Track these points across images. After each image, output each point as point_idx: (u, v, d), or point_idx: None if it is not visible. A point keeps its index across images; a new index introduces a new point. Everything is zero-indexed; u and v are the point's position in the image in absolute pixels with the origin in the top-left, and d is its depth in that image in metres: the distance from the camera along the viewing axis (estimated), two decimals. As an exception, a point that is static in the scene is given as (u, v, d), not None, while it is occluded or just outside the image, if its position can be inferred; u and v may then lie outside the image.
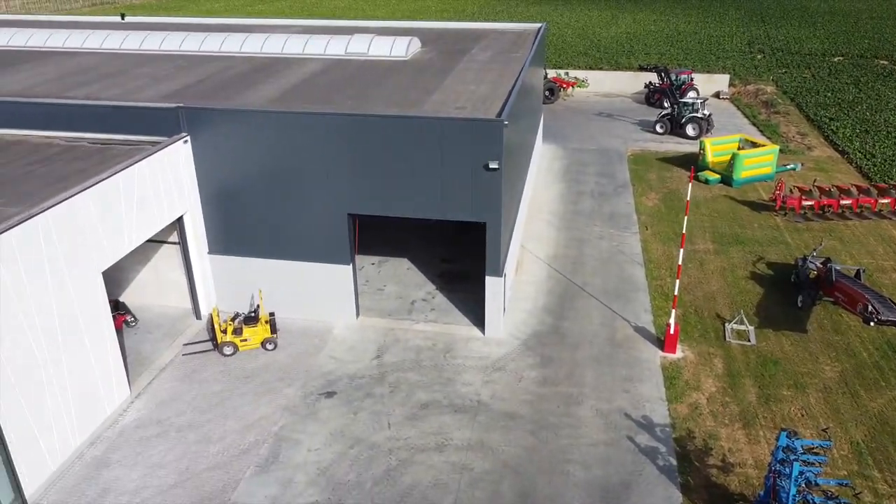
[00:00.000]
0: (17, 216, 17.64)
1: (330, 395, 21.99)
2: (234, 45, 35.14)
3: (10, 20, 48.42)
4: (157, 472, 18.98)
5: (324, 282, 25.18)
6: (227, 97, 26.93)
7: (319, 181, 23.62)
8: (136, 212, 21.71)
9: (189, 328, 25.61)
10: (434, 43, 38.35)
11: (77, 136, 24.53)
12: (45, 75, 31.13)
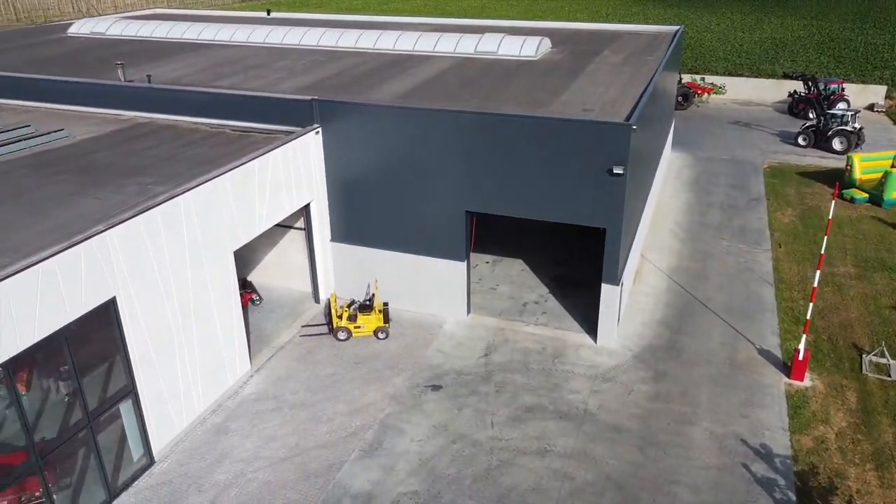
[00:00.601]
0: (163, 194, 19.08)
1: (436, 389, 22.24)
2: (369, 41, 36.27)
3: (169, 14, 52.51)
4: (270, 444, 19.96)
5: (438, 277, 25.50)
6: (358, 91, 27.85)
7: (441, 177, 23.94)
8: (269, 197, 22.89)
9: (308, 311, 26.74)
10: (565, 43, 37.85)
11: (221, 123, 26.23)
12: (197, 66, 33.48)
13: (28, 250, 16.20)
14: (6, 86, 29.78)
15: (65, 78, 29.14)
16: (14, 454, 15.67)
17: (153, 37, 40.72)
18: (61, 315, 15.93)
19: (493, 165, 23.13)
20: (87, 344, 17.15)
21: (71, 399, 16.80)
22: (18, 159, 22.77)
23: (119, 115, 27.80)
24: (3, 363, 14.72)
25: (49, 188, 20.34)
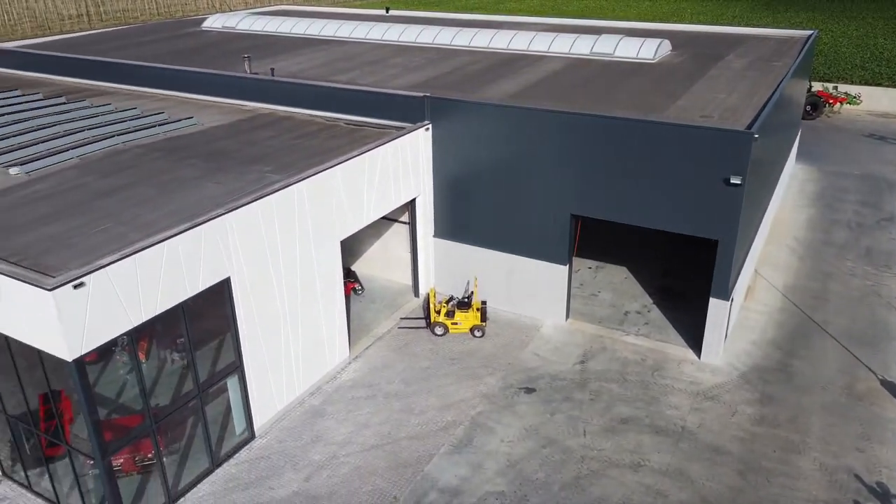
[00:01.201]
0: (279, 182, 19.94)
1: (529, 392, 22.06)
2: (483, 40, 36.40)
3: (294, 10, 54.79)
4: (363, 431, 20.46)
5: (538, 279, 25.27)
6: (469, 89, 28.00)
7: (547, 179, 23.68)
8: (377, 190, 23.44)
9: (407, 304, 27.19)
10: (685, 46, 36.50)
11: (336, 116, 27.11)
12: (317, 60, 34.76)
13: (156, 229, 17.38)
14: (145, 75, 32.06)
15: (196, 69, 31.03)
16: (131, 417, 16.87)
17: (278, 32, 42.63)
18: (181, 290, 16.97)
19: (601, 169, 22.64)
20: (202, 320, 18.20)
21: (184, 370, 17.89)
22: (152, 143, 24.45)
23: (243, 106, 29.29)
24: (127, 332, 15.86)
25: (178, 172, 21.72)
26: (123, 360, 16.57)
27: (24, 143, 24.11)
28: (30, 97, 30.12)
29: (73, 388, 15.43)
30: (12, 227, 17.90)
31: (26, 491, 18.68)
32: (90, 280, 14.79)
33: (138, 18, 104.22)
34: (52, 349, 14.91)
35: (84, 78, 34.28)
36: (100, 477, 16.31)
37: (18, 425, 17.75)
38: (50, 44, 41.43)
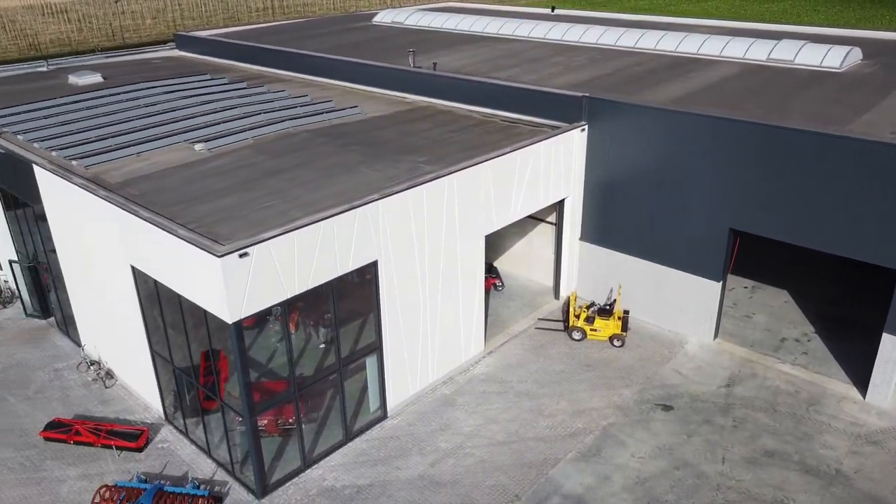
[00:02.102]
0: (431, 173, 20.42)
1: (667, 409, 21.10)
2: (650, 42, 35.15)
3: (461, 7, 55.83)
4: (491, 425, 20.53)
5: (687, 293, 24.07)
6: (631, 92, 27.15)
7: (707, 189, 22.47)
8: (526, 188, 23.37)
9: (546, 305, 26.92)
10: (880, 55, 33.15)
11: (492, 112, 27.33)
12: (479, 56, 35.20)
13: (315, 208, 18.41)
14: (317, 65, 34.06)
15: (363, 61, 32.48)
16: (278, 382, 18.03)
17: (443, 28, 43.66)
18: (332, 268, 17.87)
19: (768, 183, 21.11)
20: (348, 299, 19.07)
21: (328, 345, 18.84)
22: (319, 129, 25.93)
23: (404, 98, 30.31)
24: (281, 302, 16.95)
25: (339, 157, 22.88)
26: (276, 329, 17.74)
27: (209, 122, 26.42)
28: (217, 81, 32.95)
29: (230, 349, 16.74)
30: (193, 198, 19.68)
31: (183, 437, 20.54)
32: (254, 251, 15.94)
33: (316, 12, 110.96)
34: (216, 311, 16.25)
35: (264, 66, 37.01)
36: (246, 433, 17.60)
37: (182, 378, 19.54)
38: (237, 33, 45.10)
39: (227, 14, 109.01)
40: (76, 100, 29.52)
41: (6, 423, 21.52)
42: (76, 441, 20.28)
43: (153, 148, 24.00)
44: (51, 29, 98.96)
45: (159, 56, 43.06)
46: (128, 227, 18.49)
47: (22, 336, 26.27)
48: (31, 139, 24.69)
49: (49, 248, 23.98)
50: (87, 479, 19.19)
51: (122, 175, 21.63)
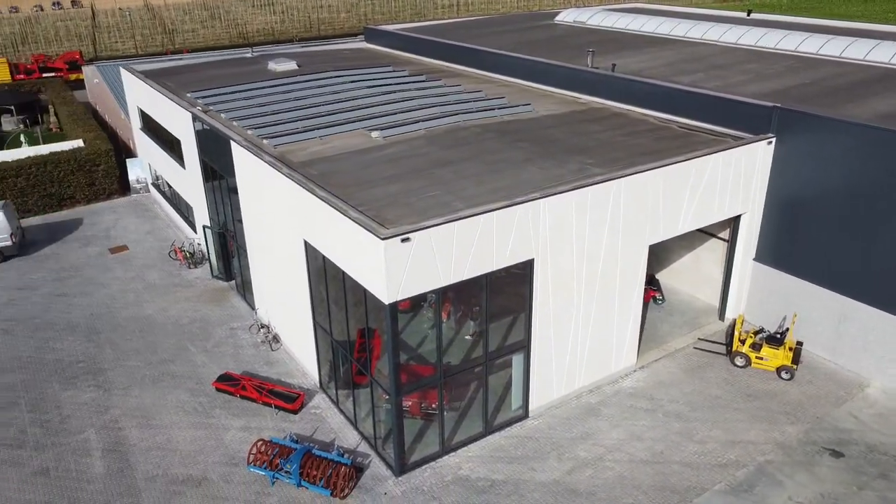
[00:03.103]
0: (599, 176, 19.92)
1: (836, 455, 19.11)
2: (859, 51, 31.85)
3: (648, 8, 53.91)
4: (634, 442, 19.72)
5: (876, 331, 21.61)
6: (831, 105, 24.77)
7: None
8: (699, 200, 22.12)
9: (709, 325, 25.36)
10: None
11: (669, 117, 26.12)
12: (661, 60, 33.79)
13: (477, 202, 18.63)
14: (494, 62, 34.42)
15: (539, 59, 32.34)
16: (425, 367, 18.51)
17: (628, 29, 42.39)
18: (488, 262, 18.00)
19: None
20: (500, 294, 19.12)
21: (476, 337, 19.03)
22: (489, 124, 26.20)
23: (579, 98, 29.81)
24: (436, 289, 17.36)
25: (506, 153, 22.98)
26: (429, 315, 18.19)
27: (387, 111, 27.61)
28: (398, 73, 34.36)
29: (384, 329, 17.42)
30: (365, 182, 20.68)
31: (333, 406, 21.73)
32: (416, 237, 16.44)
33: (499, 10, 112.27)
34: (375, 291, 16.96)
35: (444, 60, 38.05)
36: (390, 412, 18.25)
37: (339, 350, 20.65)
38: (421, 28, 46.73)
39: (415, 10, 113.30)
40: (273, 84, 32.07)
41: (186, 370, 23.95)
42: (241, 395, 22.13)
43: (334, 132, 25.50)
44: (258, 19, 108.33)
45: (349, 47, 45.68)
46: (304, 204, 19.81)
47: (207, 294, 29.09)
48: (232, 118, 27.17)
49: (237, 218, 26.31)
50: (247, 431, 20.89)
51: (305, 155, 23.20)
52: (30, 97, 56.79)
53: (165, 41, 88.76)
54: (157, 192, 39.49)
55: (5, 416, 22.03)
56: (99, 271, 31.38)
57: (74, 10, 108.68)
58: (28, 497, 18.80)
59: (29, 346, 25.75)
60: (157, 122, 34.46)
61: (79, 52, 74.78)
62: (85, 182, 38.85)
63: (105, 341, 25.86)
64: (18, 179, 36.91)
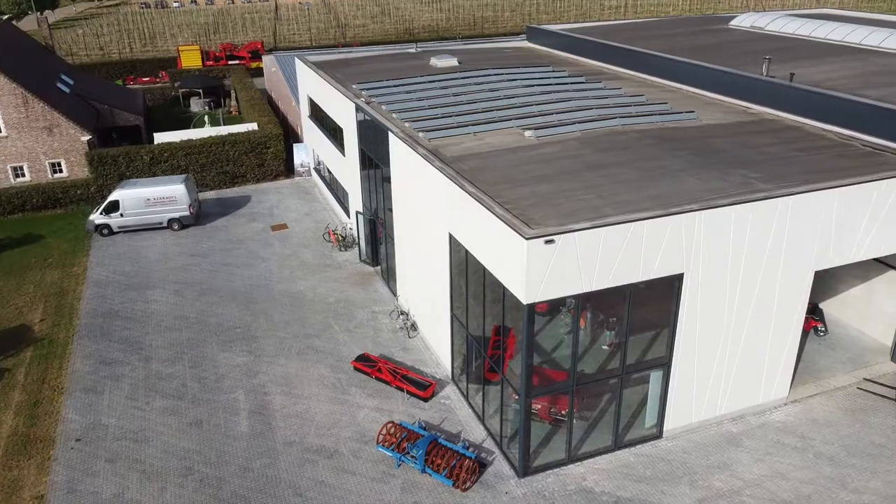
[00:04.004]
0: (763, 192, 18.60)
1: None
2: None
3: (837, 14, 49.52)
4: (778, 480, 18.29)
5: None
6: None
7: None
8: (879, 226, 20.04)
9: (878, 365, 22.97)
10: None
11: (852, 134, 23.85)
12: (847, 70, 30.91)
13: (628, 209, 18.03)
14: (657, 66, 33.08)
15: (706, 65, 30.65)
16: (558, 372, 18.22)
17: (812, 36, 39.20)
18: (633, 273, 17.38)
19: None
20: (643, 306, 18.40)
21: (614, 348, 18.45)
22: (648, 130, 25.26)
23: (748, 108, 27.98)
24: (576, 295, 17.02)
25: (664, 160, 22.05)
26: (566, 320, 17.89)
27: (542, 111, 27.42)
28: (557, 73, 34.00)
29: (520, 329, 17.34)
30: (514, 180, 20.67)
31: (463, 399, 21.97)
32: (560, 240, 16.20)
33: (670, 13, 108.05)
34: (514, 290, 16.92)
35: (605, 62, 37.15)
36: (519, 412, 18.15)
37: (473, 345, 20.84)
38: (585, 29, 45.91)
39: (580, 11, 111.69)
40: (433, 80, 32.88)
41: (328, 347, 25.22)
42: (376, 377, 22.96)
43: (489, 129, 25.70)
44: (424, 17, 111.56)
45: (510, 46, 45.86)
46: (452, 198, 20.14)
47: (353, 277, 30.44)
48: (392, 110, 28.17)
49: (388, 207, 27.27)
50: (378, 412, 21.65)
51: (458, 150, 23.57)
52: (215, 82, 62.13)
53: (337, 34, 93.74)
54: (318, 177, 41.84)
55: (171, 368, 24.32)
56: (261, 246, 33.79)
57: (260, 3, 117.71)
58: (183, 444, 20.63)
59: (195, 308, 28.24)
60: (323, 111, 36.47)
61: (261, 42, 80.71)
62: (255, 163, 41.95)
63: (260, 311, 27.80)
64: (200, 156, 40.54)
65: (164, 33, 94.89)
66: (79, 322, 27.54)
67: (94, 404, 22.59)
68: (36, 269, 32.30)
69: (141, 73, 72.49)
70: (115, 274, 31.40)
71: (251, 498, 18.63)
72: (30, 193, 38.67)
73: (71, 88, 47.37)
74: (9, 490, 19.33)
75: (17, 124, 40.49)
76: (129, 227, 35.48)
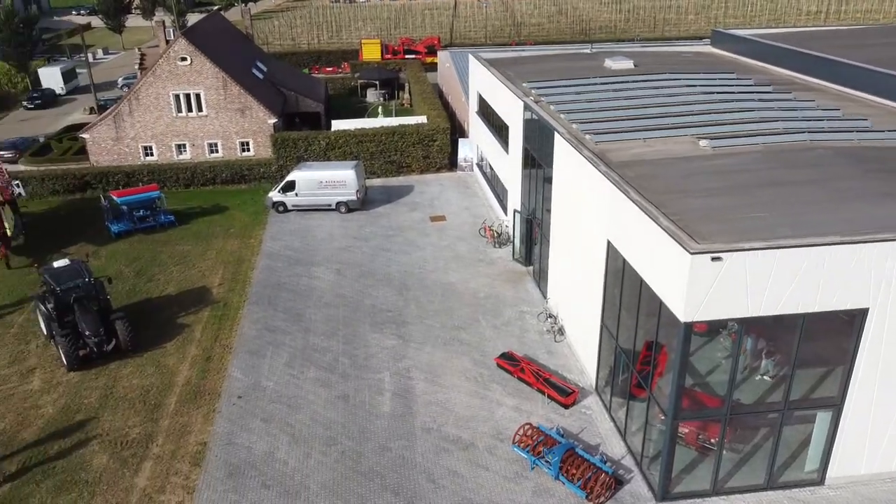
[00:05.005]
0: (978, 226, 16.29)
1: None
2: None
3: None
4: (962, 557, 16.04)
5: None
6: None
7: None
8: None
9: None
10: None
11: None
12: None
13: (809, 231, 16.49)
14: (858, 77, 29.88)
15: (925, 80, 27.30)
16: (711, 397, 17.14)
17: None
18: (808, 302, 15.91)
19: None
20: (815, 340, 16.80)
21: (776, 381, 17.03)
22: (843, 148, 22.94)
23: (967, 130, 24.60)
24: (739, 318, 15.87)
25: (858, 182, 19.93)
26: (725, 344, 16.77)
27: (721, 120, 25.82)
28: (742, 81, 31.85)
29: (673, 347, 16.48)
30: (683, 191, 19.65)
31: (605, 411, 21.33)
32: (728, 258, 15.19)
33: (879, 20, 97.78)
34: (672, 305, 16.10)
35: (797, 71, 34.23)
36: (664, 434, 17.29)
37: (621, 357, 20.13)
38: (777, 35, 42.62)
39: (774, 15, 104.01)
40: (606, 81, 32.04)
41: (474, 340, 25.49)
42: (518, 377, 22.88)
43: (660, 136, 24.63)
44: (602, 17, 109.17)
45: (691, 50, 43.67)
46: (614, 204, 19.53)
47: (505, 274, 30.52)
48: (560, 110, 27.82)
49: (546, 208, 27.01)
50: (517, 412, 21.56)
51: (625, 156, 22.81)
52: (391, 75, 64.77)
53: (512, 33, 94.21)
54: (479, 172, 42.36)
55: (326, 342, 25.75)
56: (419, 235, 34.82)
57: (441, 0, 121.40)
58: (330, 416, 21.79)
59: (353, 288, 29.68)
60: (491, 107, 36.82)
61: (437, 38, 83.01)
62: (421, 154, 43.25)
63: (412, 298, 28.67)
64: (370, 145, 42.49)
65: (349, 26, 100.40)
66: (250, 290, 29.90)
67: (257, 366, 24.43)
68: (219, 238, 35.48)
69: (325, 63, 77.12)
70: (286, 249, 33.74)
71: (387, 476, 19.30)
72: (220, 168, 42.52)
73: (264, 75, 51.45)
74: (178, 433, 21.43)
75: (216, 105, 44.64)
76: (301, 206, 37.96)
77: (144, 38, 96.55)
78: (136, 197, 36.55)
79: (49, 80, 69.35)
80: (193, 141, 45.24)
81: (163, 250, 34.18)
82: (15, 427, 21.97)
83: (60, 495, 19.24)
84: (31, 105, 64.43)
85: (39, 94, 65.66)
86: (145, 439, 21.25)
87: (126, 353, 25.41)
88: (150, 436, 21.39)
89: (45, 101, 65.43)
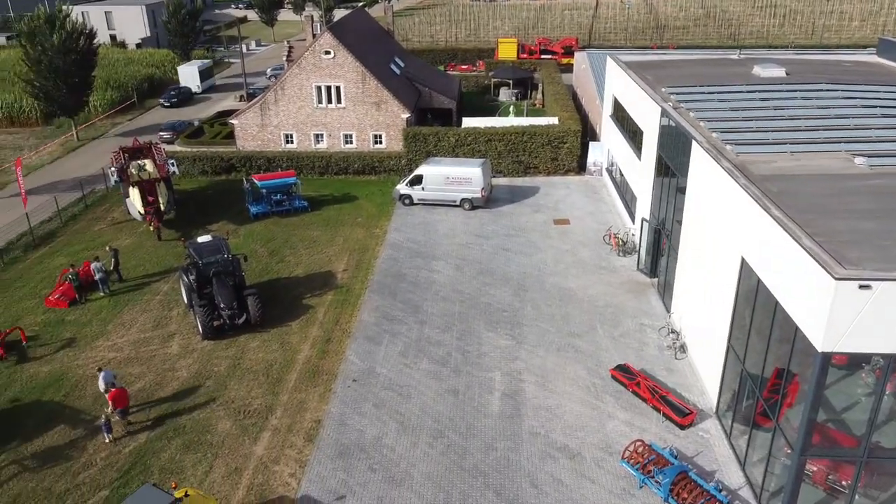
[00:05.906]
0: None
1: None
2: None
3: None
4: None
5: None
6: None
7: None
8: None
9: None
10: None
11: None
12: None
13: (980, 265, 14.76)
14: None
15: None
16: (846, 436, 15.76)
17: None
18: (973, 343, 14.27)
19: None
20: (981, 387, 15.04)
21: (928, 427, 15.41)
22: None
23: None
24: (886, 354, 14.48)
25: None
26: (868, 380, 15.37)
27: (882, 137, 23.69)
28: (910, 95, 29.02)
29: (807, 378, 15.30)
30: (831, 211, 18.18)
31: (724, 437, 20.19)
32: (879, 287, 13.90)
33: None
34: (810, 333, 14.95)
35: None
36: (789, 469, 16.11)
37: (747, 382, 18.95)
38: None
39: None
40: (753, 89, 30.23)
41: (589, 349, 24.90)
42: (633, 391, 22.11)
43: (809, 150, 22.93)
44: (754, 21, 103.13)
45: (852, 59, 40.34)
46: (752, 220, 18.39)
47: (628, 284, 29.59)
48: (700, 118, 26.54)
49: (676, 219, 25.89)
50: (629, 427, 20.86)
51: (768, 169, 21.41)
52: (525, 74, 64.46)
53: (654, 36, 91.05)
54: (608, 178, 41.31)
55: (441, 336, 26.07)
56: (540, 237, 34.47)
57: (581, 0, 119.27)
58: (439, 408, 22.04)
59: (471, 285, 29.84)
60: (626, 111, 35.78)
61: (575, 39, 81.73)
62: (550, 156, 42.75)
63: (528, 300, 28.43)
64: (499, 144, 42.50)
65: (487, 25, 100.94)
66: (372, 278, 30.81)
67: (373, 353, 25.15)
68: (347, 225, 36.82)
69: (461, 60, 77.97)
70: (409, 241, 34.47)
71: (490, 475, 19.27)
72: (353, 159, 44.09)
73: (401, 70, 52.77)
74: (295, 409, 22.46)
75: (353, 98, 46.32)
76: (427, 200, 38.62)
77: (294, 31, 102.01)
78: (275, 181, 38.63)
79: (187, 78, 70.04)
80: (330, 131, 47.20)
81: (294, 233, 35.93)
82: (153, 387, 23.88)
83: (188, 454, 20.71)
84: (168, 103, 65.51)
85: (177, 93, 66.76)
86: (265, 411, 22.44)
87: (255, 328, 26.95)
88: (270, 408, 22.56)
89: (182, 98, 66.60)
